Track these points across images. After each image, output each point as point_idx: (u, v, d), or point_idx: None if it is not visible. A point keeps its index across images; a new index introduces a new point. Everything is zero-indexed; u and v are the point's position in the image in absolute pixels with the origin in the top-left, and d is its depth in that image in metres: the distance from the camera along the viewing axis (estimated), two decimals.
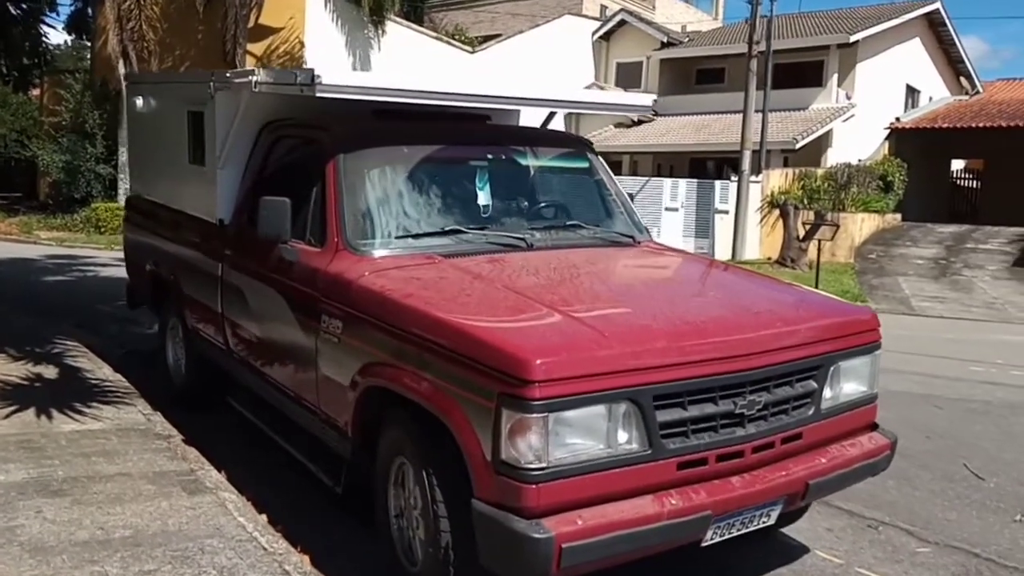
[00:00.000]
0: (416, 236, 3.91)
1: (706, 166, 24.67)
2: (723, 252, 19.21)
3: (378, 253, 3.77)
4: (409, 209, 4.03)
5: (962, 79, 28.73)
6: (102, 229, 17.63)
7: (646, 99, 5.16)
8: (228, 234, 4.77)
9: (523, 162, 4.61)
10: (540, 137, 5.02)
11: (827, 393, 3.40)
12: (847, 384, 3.51)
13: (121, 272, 11.53)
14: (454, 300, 3.33)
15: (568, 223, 4.38)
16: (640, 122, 24.84)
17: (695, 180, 20.99)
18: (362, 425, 3.51)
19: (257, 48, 19.78)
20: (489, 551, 2.82)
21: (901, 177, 22.89)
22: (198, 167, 5.13)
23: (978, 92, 27.85)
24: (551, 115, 5.37)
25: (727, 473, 3.07)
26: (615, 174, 5.03)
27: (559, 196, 4.69)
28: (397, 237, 3.89)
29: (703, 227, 20.02)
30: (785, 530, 4.25)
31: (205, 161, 5.01)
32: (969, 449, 5.81)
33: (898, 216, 22.99)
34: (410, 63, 21.24)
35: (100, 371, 5.98)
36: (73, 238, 17.15)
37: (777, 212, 19.91)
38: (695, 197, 20.16)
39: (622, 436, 2.83)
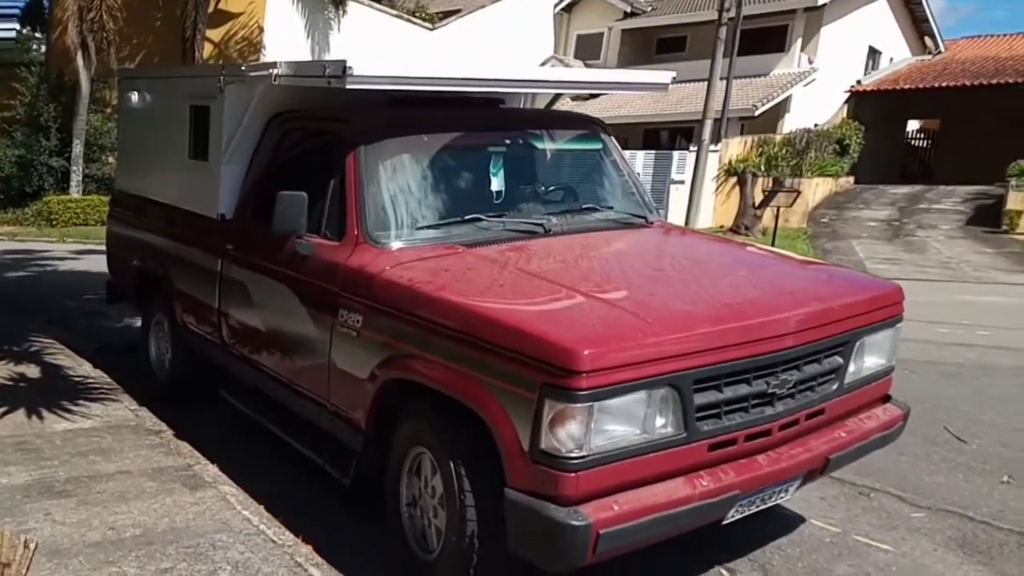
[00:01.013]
0: (435, 227, 3.86)
1: (659, 137, 24.75)
2: (676, 221, 19.34)
3: (398, 245, 3.72)
4: (428, 199, 3.97)
5: (926, 39, 28.59)
6: (54, 222, 17.13)
7: (665, 76, 5.01)
8: (230, 229, 4.68)
9: (540, 145, 4.55)
10: (556, 119, 4.97)
11: (851, 368, 3.45)
12: (870, 358, 3.57)
13: (81, 265, 11.57)
14: (488, 291, 3.31)
15: (583, 206, 4.36)
16: (597, 94, 24.74)
17: (653, 152, 21.09)
18: (377, 417, 3.49)
19: (215, 34, 19.41)
20: (522, 539, 2.83)
21: (858, 140, 23.14)
22: (199, 162, 4.99)
23: (940, 52, 27.89)
24: (557, 96, 5.32)
25: (754, 452, 3.12)
26: None
27: (573, 178, 4.65)
28: (417, 228, 3.83)
29: (658, 198, 20.14)
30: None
31: (208, 156, 4.88)
32: (948, 412, 5.97)
33: (851, 179, 23.31)
34: (371, 43, 20.88)
35: (81, 368, 5.86)
36: (25, 232, 16.61)
37: (733, 180, 20.11)
38: (652, 169, 20.28)
39: (659, 421, 2.85)
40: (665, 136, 24.58)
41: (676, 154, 20.51)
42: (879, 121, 24.60)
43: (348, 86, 3.65)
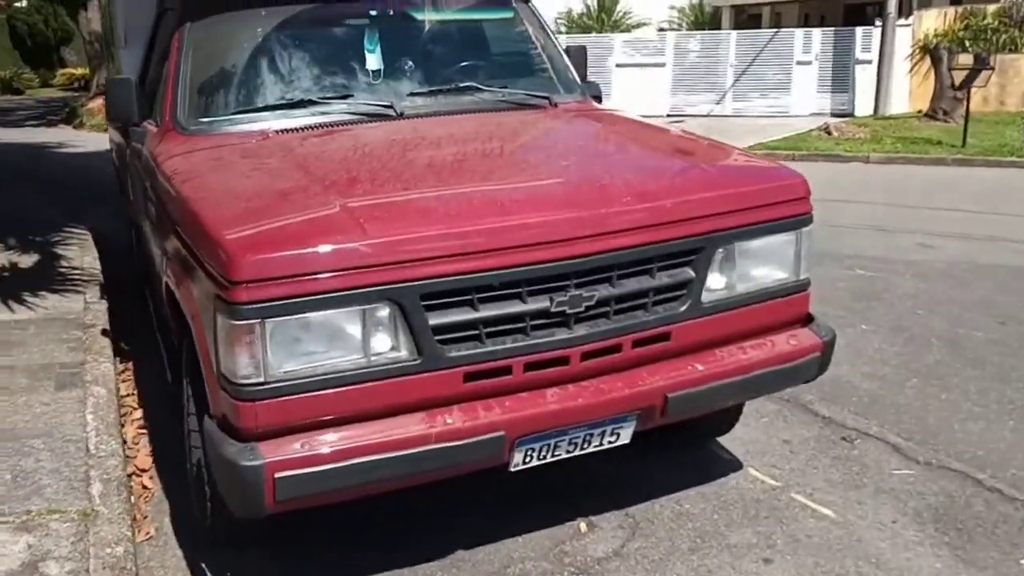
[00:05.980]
0: (254, 110, 3.38)
1: (864, 12, 21.77)
2: (864, 108, 17.07)
3: (201, 131, 3.32)
4: (258, 82, 3.49)
5: None
6: None
7: None
8: None
9: (421, 17, 3.86)
10: None
11: (714, 283, 2.64)
12: (753, 270, 2.73)
13: None
14: (225, 185, 2.82)
15: (463, 85, 3.63)
16: None
17: (832, 28, 18.52)
18: (180, 319, 3.11)
19: None
20: (216, 477, 2.37)
21: None
22: (115, 49, 4.95)
23: None
24: None
25: (544, 384, 2.44)
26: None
27: (467, 54, 3.89)
28: (231, 113, 3.39)
29: (841, 80, 17.78)
30: (726, 440, 3.52)
31: (115, 41, 4.81)
32: None
33: None
34: None
35: (81, 259, 5.91)
36: None
37: (928, 59, 17.31)
38: (832, 47, 17.82)
39: (382, 343, 2.27)
40: (872, 11, 21.54)
41: (860, 30, 17.86)
42: None
43: None
